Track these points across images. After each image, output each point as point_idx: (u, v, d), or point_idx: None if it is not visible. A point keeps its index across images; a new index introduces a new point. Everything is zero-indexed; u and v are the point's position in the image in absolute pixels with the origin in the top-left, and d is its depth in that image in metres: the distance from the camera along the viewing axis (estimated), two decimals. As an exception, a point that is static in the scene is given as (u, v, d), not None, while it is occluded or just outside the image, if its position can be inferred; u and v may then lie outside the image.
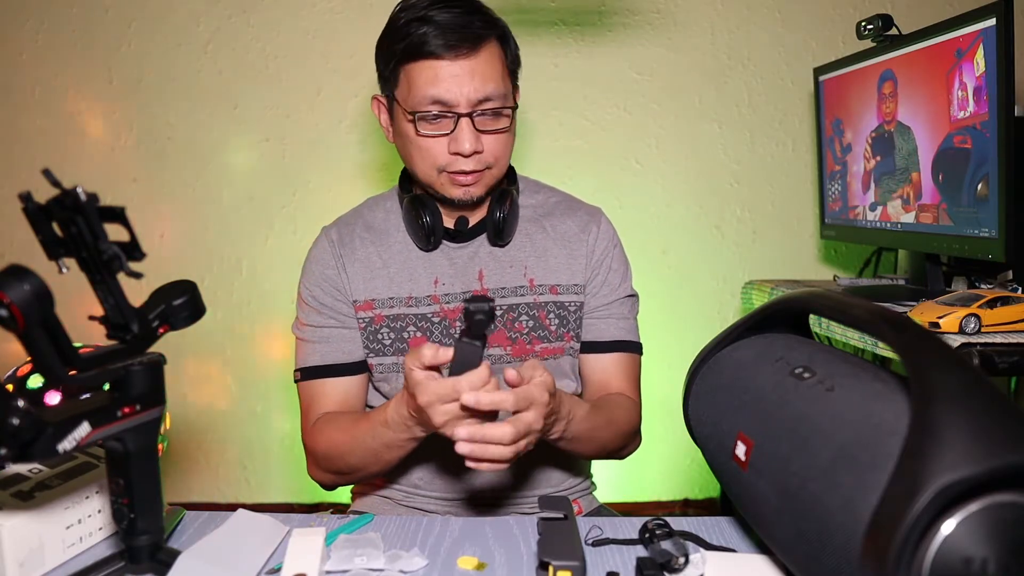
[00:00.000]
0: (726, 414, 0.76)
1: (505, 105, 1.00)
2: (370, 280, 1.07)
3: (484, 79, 0.97)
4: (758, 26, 2.20)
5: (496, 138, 1.00)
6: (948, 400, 0.51)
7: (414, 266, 1.08)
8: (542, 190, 1.17)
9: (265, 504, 2.31)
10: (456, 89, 0.96)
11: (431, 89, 0.96)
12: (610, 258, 1.12)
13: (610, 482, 2.26)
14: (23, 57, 2.16)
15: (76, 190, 0.56)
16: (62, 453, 0.59)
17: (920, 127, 1.56)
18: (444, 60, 0.95)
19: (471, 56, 0.96)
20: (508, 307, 1.07)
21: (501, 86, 0.99)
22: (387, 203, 1.14)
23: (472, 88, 0.96)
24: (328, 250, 1.09)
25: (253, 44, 2.17)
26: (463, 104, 0.96)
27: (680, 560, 0.71)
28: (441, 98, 0.96)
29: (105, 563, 0.70)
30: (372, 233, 1.10)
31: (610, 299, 1.11)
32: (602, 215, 1.16)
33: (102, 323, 0.64)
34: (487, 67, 0.97)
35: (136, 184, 2.21)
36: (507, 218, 1.05)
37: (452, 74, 0.95)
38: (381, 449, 0.95)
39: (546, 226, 1.12)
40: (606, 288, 1.11)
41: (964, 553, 0.49)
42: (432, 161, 1.00)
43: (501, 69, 1.00)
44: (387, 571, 0.73)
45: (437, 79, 0.95)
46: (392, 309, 1.06)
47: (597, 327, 1.11)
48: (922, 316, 1.28)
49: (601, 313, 1.11)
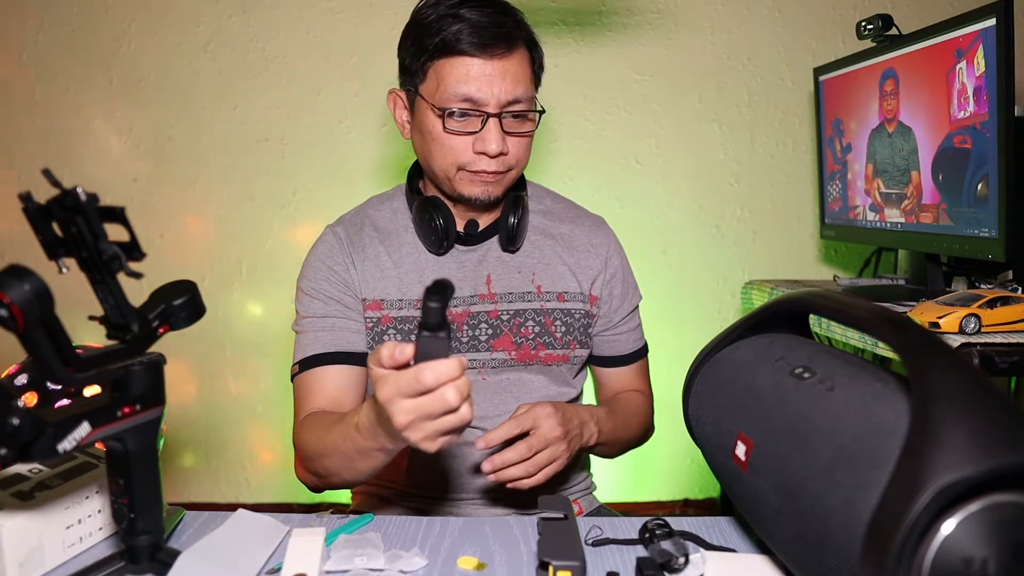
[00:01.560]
0: (726, 414, 0.76)
1: (532, 109, 1.00)
2: (380, 280, 1.06)
3: (515, 81, 0.97)
4: (758, 26, 2.20)
5: (520, 140, 1.00)
6: (948, 400, 0.51)
7: (423, 268, 1.07)
8: (548, 196, 1.18)
9: (265, 504, 2.31)
10: (487, 88, 0.95)
11: (462, 86, 0.95)
12: (622, 274, 1.16)
13: (610, 482, 2.26)
14: (23, 57, 2.16)
15: (76, 190, 0.56)
16: (62, 453, 0.59)
17: (920, 127, 1.56)
18: (477, 59, 0.95)
19: (504, 57, 0.96)
20: (515, 312, 1.07)
21: (530, 89, 1.00)
22: (393, 203, 1.13)
23: (503, 89, 0.96)
24: (337, 246, 1.08)
25: (253, 44, 2.17)
26: (492, 104, 0.96)
27: (680, 560, 0.71)
28: (472, 96, 0.96)
29: (105, 563, 0.70)
30: (380, 233, 1.10)
31: (625, 311, 1.16)
32: (608, 228, 1.18)
33: (102, 323, 0.64)
34: (518, 69, 0.98)
35: (136, 184, 2.21)
36: (520, 224, 1.06)
37: (484, 73, 0.95)
38: (353, 455, 0.85)
39: (554, 234, 1.13)
40: (625, 303, 1.16)
41: (964, 553, 0.49)
42: (454, 159, 0.99)
43: (530, 73, 1.00)
44: (387, 571, 0.73)
45: (469, 77, 0.95)
46: (400, 311, 1.06)
47: (617, 343, 1.16)
48: (922, 316, 1.28)
49: (619, 329, 1.16)
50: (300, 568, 0.68)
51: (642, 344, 1.20)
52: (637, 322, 1.19)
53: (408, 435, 0.69)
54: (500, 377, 1.07)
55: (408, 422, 0.68)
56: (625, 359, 1.18)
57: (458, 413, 0.67)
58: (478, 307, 1.07)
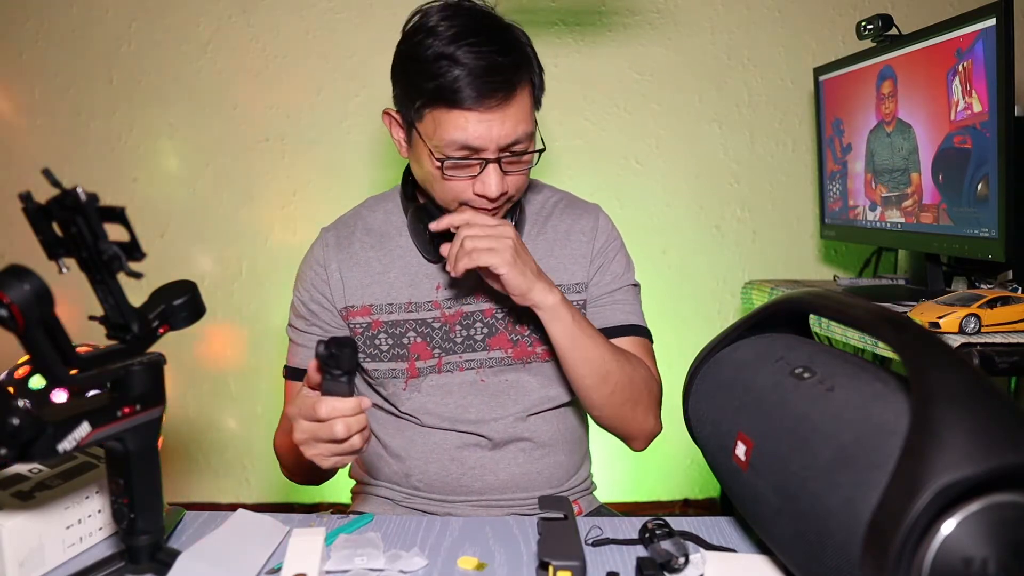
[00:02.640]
0: (726, 414, 0.76)
1: (530, 149, 0.98)
2: (368, 285, 1.07)
3: (515, 123, 0.95)
4: (758, 26, 2.20)
5: (519, 175, 1.00)
6: (948, 400, 0.51)
7: (415, 271, 1.07)
8: (543, 189, 1.17)
9: (265, 504, 2.31)
10: (486, 136, 0.93)
11: (459, 134, 0.93)
12: (611, 249, 1.12)
13: (610, 482, 2.26)
14: (23, 57, 2.16)
15: (76, 190, 0.56)
16: (62, 453, 0.59)
17: (920, 127, 1.56)
18: (475, 112, 0.92)
19: (502, 106, 0.93)
20: (509, 309, 1.06)
21: (530, 126, 0.97)
22: (387, 204, 1.13)
23: (502, 134, 0.94)
24: (322, 255, 1.08)
25: (253, 44, 2.17)
26: (491, 149, 0.94)
27: (680, 560, 0.71)
28: (470, 144, 0.94)
29: (105, 563, 0.70)
30: (372, 236, 1.10)
31: (613, 287, 1.10)
32: (600, 211, 1.15)
33: (102, 323, 0.64)
34: (518, 111, 0.95)
35: (136, 184, 2.21)
36: (516, 225, 1.05)
37: (482, 122, 0.93)
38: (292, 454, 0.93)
39: (547, 227, 1.12)
40: (608, 276, 1.10)
41: (964, 553, 0.49)
42: (454, 196, 0.98)
43: (529, 109, 0.98)
44: (387, 571, 0.73)
45: (467, 129, 0.93)
46: (391, 315, 1.06)
47: (603, 314, 1.09)
48: (922, 316, 1.28)
49: (605, 300, 1.10)
50: (300, 568, 0.68)
51: (639, 323, 1.11)
52: (631, 300, 1.12)
53: (303, 450, 0.81)
54: (498, 379, 1.06)
55: (303, 440, 0.80)
56: (616, 331, 1.08)
57: (347, 443, 0.78)
58: (471, 306, 1.06)
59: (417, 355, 1.05)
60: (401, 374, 1.06)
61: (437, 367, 1.06)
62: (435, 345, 1.06)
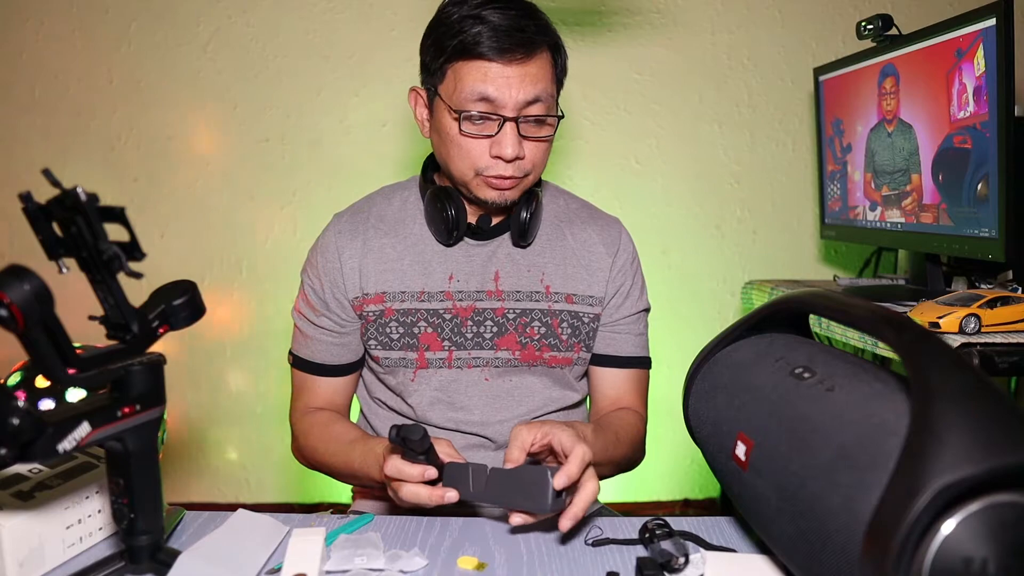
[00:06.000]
0: (726, 414, 0.76)
1: (550, 113, 0.99)
2: (382, 272, 1.06)
3: (534, 81, 0.96)
4: (758, 26, 2.20)
5: (537, 145, 1.00)
6: (948, 400, 0.51)
7: (429, 260, 1.07)
8: (563, 195, 1.17)
9: (265, 504, 2.31)
10: (505, 90, 0.95)
11: (479, 86, 0.95)
12: (631, 272, 1.13)
13: (610, 482, 2.24)
14: (23, 57, 2.16)
15: (76, 190, 0.56)
16: (62, 453, 0.59)
17: (920, 127, 1.56)
18: (495, 63, 0.94)
19: (523, 62, 0.95)
20: (521, 311, 1.06)
21: (549, 89, 0.98)
22: (404, 192, 1.12)
23: (521, 92, 0.95)
24: (334, 242, 1.07)
25: (253, 44, 2.17)
26: (510, 107, 0.95)
27: (680, 560, 0.71)
28: (489, 95, 0.95)
29: (105, 563, 0.70)
30: (386, 223, 1.09)
31: (629, 312, 1.12)
32: (622, 226, 1.16)
33: (102, 323, 0.64)
34: (538, 71, 0.97)
35: (136, 184, 2.21)
36: (532, 219, 1.05)
37: (502, 75, 0.95)
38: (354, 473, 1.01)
39: (567, 233, 1.11)
40: (628, 301, 1.12)
41: (964, 553, 0.49)
42: (471, 162, 0.99)
43: (550, 75, 0.99)
44: (387, 571, 0.73)
45: (486, 79, 0.95)
46: (403, 303, 1.05)
47: (616, 341, 1.12)
48: (922, 316, 1.28)
49: (620, 327, 1.12)
50: (300, 568, 0.68)
51: (645, 355, 1.14)
52: (642, 329, 1.14)
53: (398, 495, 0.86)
54: (502, 380, 1.06)
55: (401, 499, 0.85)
56: (623, 361, 1.12)
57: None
58: (484, 303, 1.06)
59: (427, 345, 1.05)
60: (411, 364, 1.05)
61: (447, 362, 1.05)
62: (445, 337, 1.05)
